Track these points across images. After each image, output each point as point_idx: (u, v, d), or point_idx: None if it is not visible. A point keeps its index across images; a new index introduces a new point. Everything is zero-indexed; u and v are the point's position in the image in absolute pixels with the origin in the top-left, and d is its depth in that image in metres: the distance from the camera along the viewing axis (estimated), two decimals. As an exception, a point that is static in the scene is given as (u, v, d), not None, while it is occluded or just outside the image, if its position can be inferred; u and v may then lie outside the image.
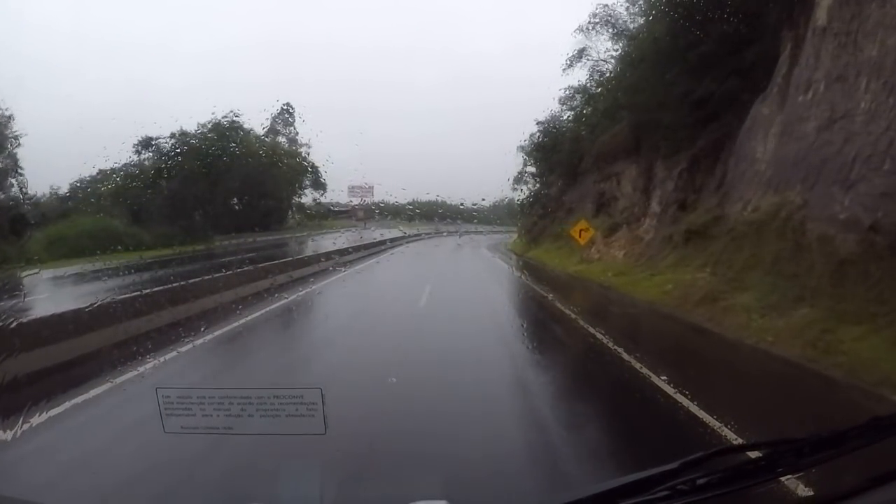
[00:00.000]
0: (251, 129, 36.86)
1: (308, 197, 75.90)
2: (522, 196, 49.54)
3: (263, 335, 8.70)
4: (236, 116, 34.41)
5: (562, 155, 28.07)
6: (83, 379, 5.38)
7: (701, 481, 1.14)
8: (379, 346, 7.54)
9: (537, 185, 30.98)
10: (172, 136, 31.79)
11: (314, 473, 2.00)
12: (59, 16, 63.90)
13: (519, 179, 55.48)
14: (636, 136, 22.18)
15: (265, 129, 58.88)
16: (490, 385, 5.57)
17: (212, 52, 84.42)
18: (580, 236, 18.67)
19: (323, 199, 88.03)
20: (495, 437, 4.06)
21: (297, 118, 73.15)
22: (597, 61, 28.89)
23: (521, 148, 52.72)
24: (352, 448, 3.54)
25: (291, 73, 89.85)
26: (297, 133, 72.15)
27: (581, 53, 28.49)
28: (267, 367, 6.68)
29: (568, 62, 28.18)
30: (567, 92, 27.69)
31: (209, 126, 32.92)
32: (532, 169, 55.03)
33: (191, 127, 33.15)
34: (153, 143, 31.68)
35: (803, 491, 2.08)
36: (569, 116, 29.94)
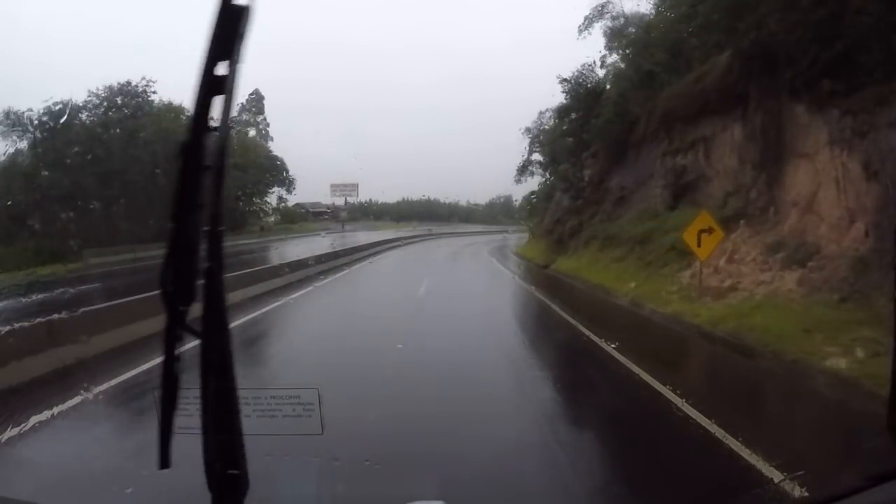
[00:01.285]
0: (174, 103, 27.29)
1: (289, 199, 67.36)
2: (536, 187, 40.67)
3: None
4: (148, 84, 24.95)
5: (603, 120, 19.02)
6: None
7: None
8: None
9: (566, 166, 21.81)
10: (48, 112, 22.21)
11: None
12: (56, 17, 60.84)
13: (523, 170, 46.60)
14: (745, 71, 13.47)
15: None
16: None
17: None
18: (699, 244, 9.62)
19: (301, 200, 79.27)
20: None
21: (265, 107, 64.07)
22: (618, 18, 20.63)
23: (528, 131, 43.89)
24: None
25: (289, 72, 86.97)
26: (267, 124, 62.97)
27: (601, 12, 20.92)
28: None
29: (585, 22, 21.07)
30: (615, 22, 18.71)
31: (102, 96, 23.38)
32: (539, 157, 46.27)
33: (82, 96, 23.60)
34: (19, 120, 22.14)
35: (801, 491, 1.90)
36: (610, 69, 20.90)
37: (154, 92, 25.37)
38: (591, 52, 28.16)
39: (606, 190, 19.06)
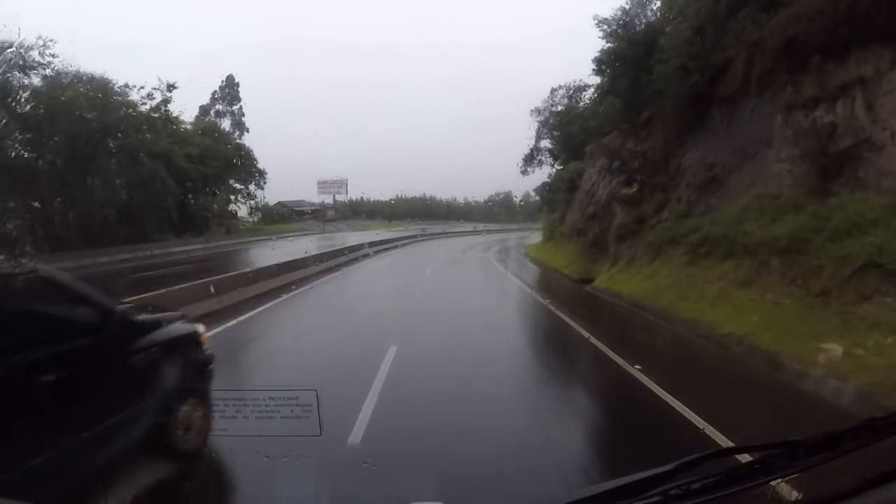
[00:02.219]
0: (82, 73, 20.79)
1: (264, 197, 61.39)
2: (548, 178, 34.42)
3: None
4: (45, 45, 18.50)
5: (672, 67, 12.81)
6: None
7: (695, 485, 1.09)
8: None
9: (613, 136, 15.51)
10: None
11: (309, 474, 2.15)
12: (55, 17, 60.43)
13: (530, 159, 40.47)
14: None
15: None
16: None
17: (206, 52, 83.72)
18: None
19: (288, 198, 72.83)
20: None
21: (242, 95, 57.51)
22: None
23: (537, 112, 37.68)
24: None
25: (287, 72, 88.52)
26: (243, 113, 56.36)
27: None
28: None
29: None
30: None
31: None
32: (549, 144, 40.08)
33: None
34: None
35: (798, 492, 1.46)
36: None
37: (53, 55, 18.92)
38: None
39: (679, 169, 12.85)
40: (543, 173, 38.91)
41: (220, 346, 6.88)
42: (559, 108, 35.52)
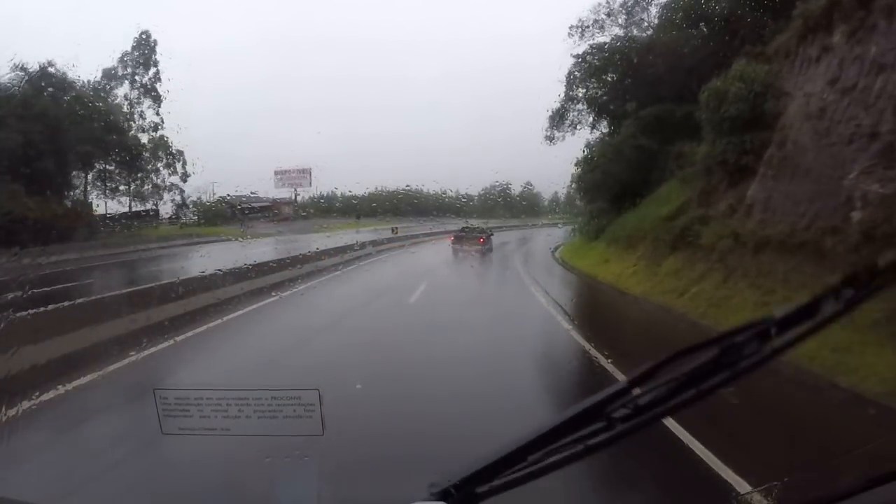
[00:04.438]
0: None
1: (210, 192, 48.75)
2: (582, 153, 20.09)
3: None
4: None
5: None
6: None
7: (643, 400, 0.93)
8: None
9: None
10: None
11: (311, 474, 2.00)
12: (56, 16, 61.88)
13: (560, 118, 25.75)
14: None
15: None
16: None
17: (205, 53, 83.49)
18: None
19: (244, 193, 57.53)
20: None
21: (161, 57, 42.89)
22: None
23: (579, 31, 23.13)
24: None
25: (289, 71, 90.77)
26: (157, 80, 41.24)
27: None
28: None
29: None
30: None
31: None
32: (580, 92, 25.62)
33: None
34: None
35: (798, 493, 1.72)
36: None
37: None
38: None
39: None
40: (578, 141, 25.95)
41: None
42: (620, 22, 20.99)
